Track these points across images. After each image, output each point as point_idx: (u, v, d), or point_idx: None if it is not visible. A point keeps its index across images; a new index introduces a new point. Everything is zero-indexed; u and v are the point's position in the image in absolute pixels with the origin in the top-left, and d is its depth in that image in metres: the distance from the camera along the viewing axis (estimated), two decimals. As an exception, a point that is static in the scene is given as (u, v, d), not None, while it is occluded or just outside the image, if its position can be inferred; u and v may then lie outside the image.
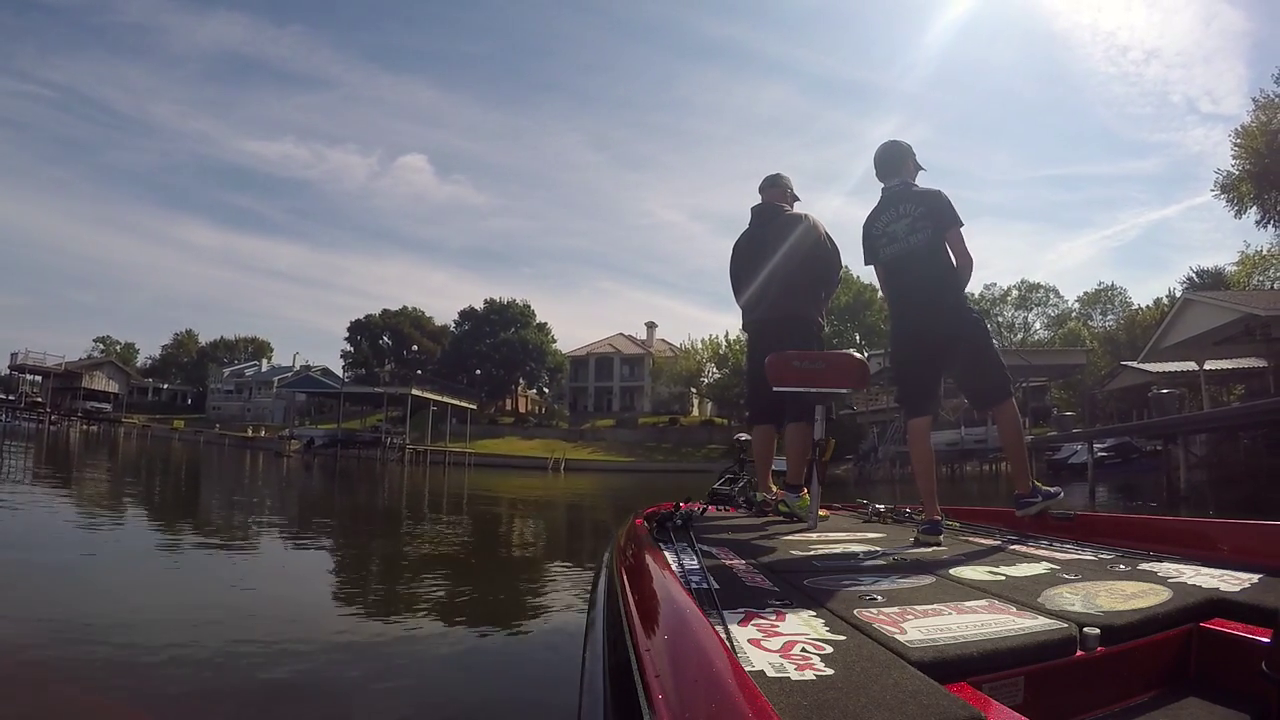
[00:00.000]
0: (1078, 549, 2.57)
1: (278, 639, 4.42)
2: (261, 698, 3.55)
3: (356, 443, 51.27)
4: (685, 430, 60.64)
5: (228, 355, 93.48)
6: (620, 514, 14.05)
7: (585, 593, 5.40)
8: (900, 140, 3.81)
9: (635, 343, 76.70)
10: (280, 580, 6.80)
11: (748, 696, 0.82)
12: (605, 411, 70.92)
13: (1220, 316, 24.25)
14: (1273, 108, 31.33)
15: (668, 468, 47.94)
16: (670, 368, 66.74)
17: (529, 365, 71.91)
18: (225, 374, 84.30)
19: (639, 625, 1.28)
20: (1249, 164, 31.85)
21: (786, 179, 4.70)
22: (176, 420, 69.44)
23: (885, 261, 3.68)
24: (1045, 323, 68.93)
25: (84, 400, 69.59)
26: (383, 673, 3.96)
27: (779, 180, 4.67)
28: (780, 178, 4.69)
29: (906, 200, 3.61)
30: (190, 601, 5.44)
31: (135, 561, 7.14)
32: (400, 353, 76.89)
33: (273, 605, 5.60)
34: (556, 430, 62.61)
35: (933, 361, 3.54)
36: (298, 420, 68.11)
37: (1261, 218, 33.82)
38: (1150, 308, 59.27)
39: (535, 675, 4.20)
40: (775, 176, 4.69)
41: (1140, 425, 22.62)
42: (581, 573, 7.48)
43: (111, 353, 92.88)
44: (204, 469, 26.66)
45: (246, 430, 61.77)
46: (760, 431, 4.55)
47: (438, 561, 8.38)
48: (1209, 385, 26.53)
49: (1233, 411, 19.42)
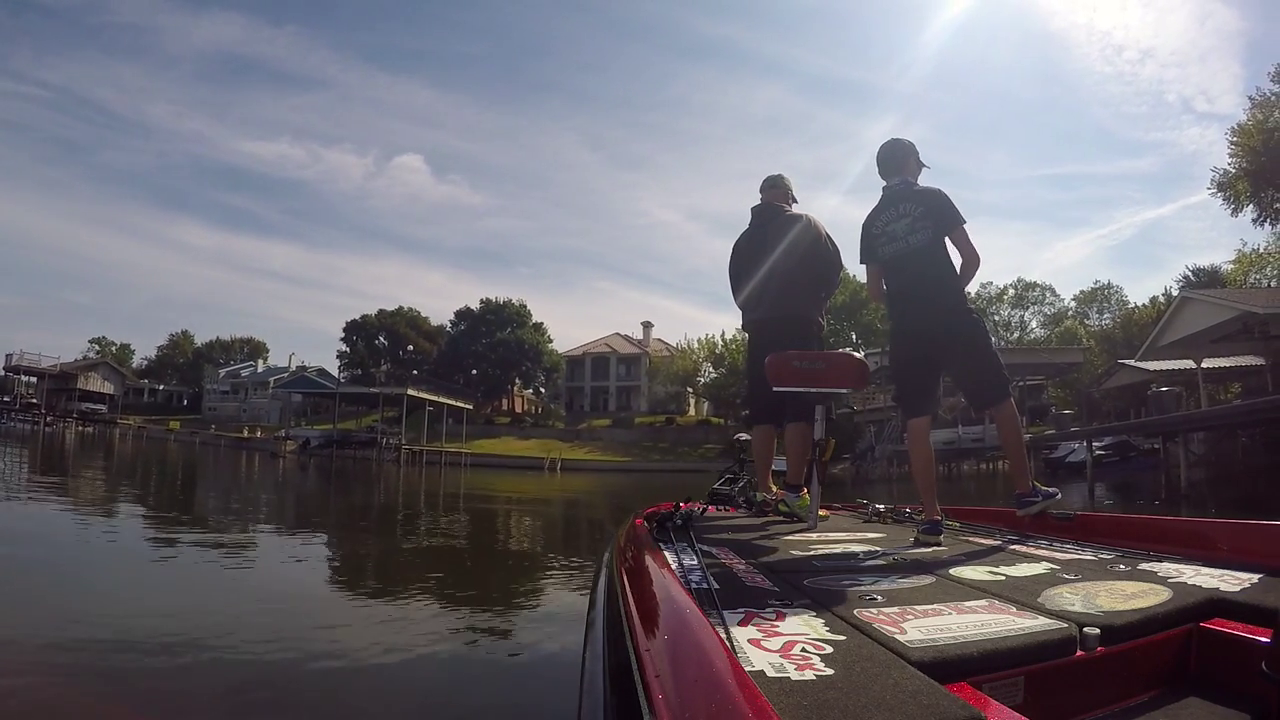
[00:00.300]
0: (1078, 549, 2.57)
1: (273, 641, 4.39)
2: (255, 699, 3.52)
3: (352, 443, 51.04)
4: (682, 430, 60.78)
5: (223, 356, 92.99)
6: (617, 514, 14.32)
7: (584, 592, 5.42)
8: (902, 138, 3.79)
9: (631, 342, 76.76)
10: (276, 581, 6.69)
11: (748, 696, 0.83)
12: (601, 411, 70.94)
13: (1218, 314, 24.14)
14: (1269, 106, 31.26)
15: (664, 467, 47.93)
16: (667, 367, 66.70)
17: (525, 365, 71.63)
18: (221, 375, 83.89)
19: (639, 625, 1.28)
20: (1245, 162, 31.80)
21: (787, 180, 4.70)
22: (172, 421, 68.83)
23: (884, 260, 3.67)
24: (1041, 321, 69.10)
25: (79, 401, 69.24)
26: (383, 673, 3.95)
27: (779, 181, 4.68)
28: (781, 178, 4.69)
29: (907, 199, 3.60)
30: (183, 604, 5.40)
31: (125, 563, 7.10)
32: (396, 353, 76.64)
33: (267, 607, 5.53)
34: (553, 430, 62.54)
35: (931, 361, 3.54)
36: (294, 421, 67.66)
37: (1258, 216, 33.84)
38: (1146, 306, 59.33)
39: (535, 675, 4.21)
40: (776, 177, 4.69)
41: (1139, 423, 22.61)
42: (579, 573, 7.46)
43: (107, 354, 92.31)
44: (198, 470, 26.56)
45: (242, 431, 61.42)
46: (760, 431, 4.54)
47: (435, 562, 8.38)
48: (1206, 384, 26.56)
49: (1233, 409, 19.37)
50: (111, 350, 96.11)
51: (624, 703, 1.06)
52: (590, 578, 4.14)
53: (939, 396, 3.76)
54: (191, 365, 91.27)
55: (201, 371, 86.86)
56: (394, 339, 77.22)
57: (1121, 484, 23.82)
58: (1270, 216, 33.80)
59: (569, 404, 74.16)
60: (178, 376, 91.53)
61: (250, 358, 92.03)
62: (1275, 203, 32.99)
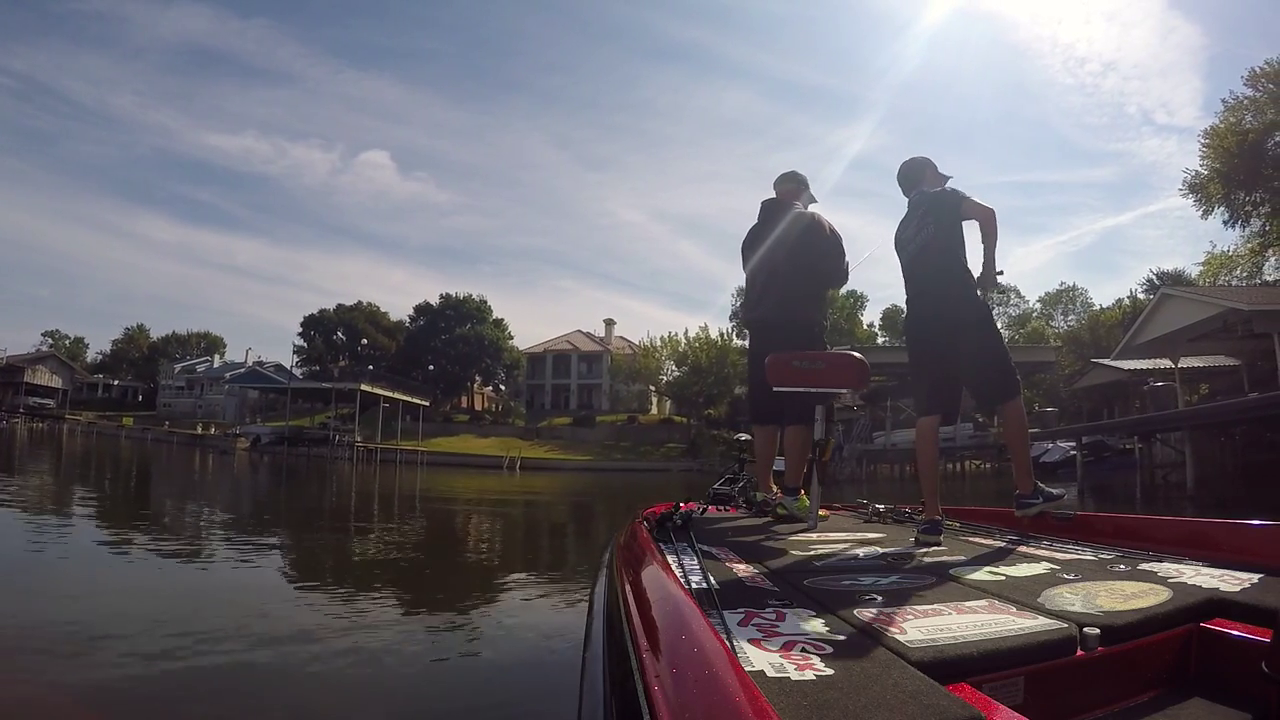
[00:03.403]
0: (1078, 549, 2.56)
1: (247, 652, 4.15)
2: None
3: (305, 440, 49.95)
4: (644, 429, 60.56)
5: (180, 351, 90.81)
6: (579, 516, 15.06)
7: (582, 593, 5.35)
8: (918, 156, 3.91)
9: (594, 340, 76.16)
10: (243, 591, 6.09)
11: (748, 696, 0.84)
12: (563, 409, 70.20)
13: (1199, 312, 23.62)
14: (1241, 109, 31.90)
15: (625, 467, 47.82)
16: (629, 365, 65.91)
17: (485, 361, 70.35)
18: (177, 370, 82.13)
19: (639, 625, 1.27)
20: (1219, 163, 32.32)
21: (803, 176, 4.61)
22: (125, 417, 67.23)
23: (905, 264, 3.74)
24: (1007, 322, 69.05)
25: (26, 396, 66.89)
26: (376, 678, 3.82)
27: (794, 176, 4.60)
28: (795, 174, 4.61)
29: (918, 206, 3.70)
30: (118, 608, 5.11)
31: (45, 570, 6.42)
32: (355, 349, 74.98)
33: (237, 617, 5.04)
34: (513, 428, 61.93)
35: (940, 357, 3.54)
36: (249, 418, 66.32)
37: (1229, 217, 34.26)
38: (1113, 308, 59.91)
39: (534, 675, 4.13)
40: (791, 173, 4.61)
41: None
42: (553, 581, 7.25)
43: (61, 347, 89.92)
44: (144, 468, 25.29)
45: (196, 427, 59.84)
46: (762, 432, 4.49)
47: (392, 570, 7.82)
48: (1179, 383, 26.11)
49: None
50: (65, 344, 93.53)
51: (624, 703, 1.06)
52: (568, 583, 4.44)
53: (954, 396, 3.67)
54: (147, 360, 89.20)
55: (157, 367, 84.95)
56: (352, 335, 75.41)
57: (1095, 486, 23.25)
58: (1241, 218, 34.24)
59: (530, 402, 73.16)
60: (133, 372, 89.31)
61: (207, 353, 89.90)
62: (1246, 205, 33.45)
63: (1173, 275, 52.55)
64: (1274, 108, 30.47)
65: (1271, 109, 30.57)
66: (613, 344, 74.38)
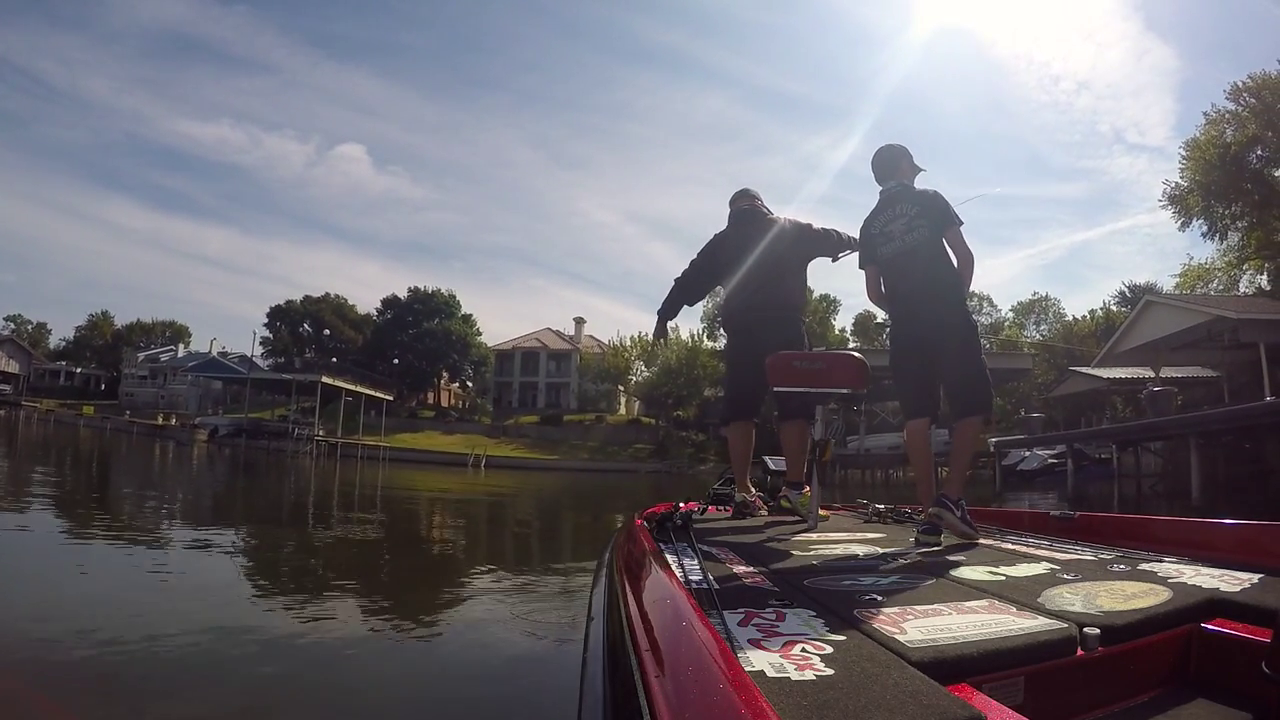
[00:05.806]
0: (1078, 549, 2.54)
1: (223, 658, 3.78)
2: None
3: (264, 433, 48.46)
4: (612, 429, 59.77)
5: (145, 340, 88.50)
6: (546, 517, 14.63)
7: (581, 593, 5.28)
8: (895, 143, 3.84)
9: (563, 338, 75.46)
10: (223, 593, 5.46)
11: (748, 697, 0.84)
12: (530, 407, 69.38)
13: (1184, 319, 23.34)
14: (1223, 122, 31.94)
15: (592, 466, 47.07)
16: (598, 364, 65.25)
17: (452, 357, 69.17)
18: (140, 359, 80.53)
19: (639, 625, 1.29)
20: (1199, 175, 32.44)
21: (755, 192, 4.70)
22: (86, 406, 65.63)
23: (883, 260, 3.71)
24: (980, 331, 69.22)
25: (-20, 381, 64.91)
26: (375, 680, 3.63)
27: (750, 192, 4.67)
28: (750, 190, 4.69)
29: (903, 200, 3.66)
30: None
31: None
32: (321, 340, 73.53)
33: (216, 620, 4.55)
34: (479, 425, 60.92)
35: (929, 360, 3.53)
36: (211, 409, 64.81)
37: (1208, 229, 34.37)
38: (1086, 319, 60.24)
39: (533, 675, 3.94)
40: (746, 190, 4.69)
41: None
42: (553, 581, 6.93)
43: (23, 333, 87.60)
44: (98, 458, 23.87)
45: (157, 418, 58.23)
46: (738, 429, 4.49)
47: (374, 570, 7.39)
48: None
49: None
50: (27, 329, 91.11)
51: (624, 702, 1.07)
52: (568, 583, 4.41)
53: (938, 400, 3.66)
54: (110, 348, 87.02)
55: (120, 355, 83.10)
56: (318, 326, 74.06)
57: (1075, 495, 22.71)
58: (1220, 231, 34.33)
59: (497, 399, 72.24)
60: (96, 359, 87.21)
61: (172, 342, 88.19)
62: (1225, 217, 33.54)
63: (1144, 288, 52.80)
64: (1256, 121, 30.46)
65: (1253, 122, 30.57)
66: (582, 343, 73.82)
